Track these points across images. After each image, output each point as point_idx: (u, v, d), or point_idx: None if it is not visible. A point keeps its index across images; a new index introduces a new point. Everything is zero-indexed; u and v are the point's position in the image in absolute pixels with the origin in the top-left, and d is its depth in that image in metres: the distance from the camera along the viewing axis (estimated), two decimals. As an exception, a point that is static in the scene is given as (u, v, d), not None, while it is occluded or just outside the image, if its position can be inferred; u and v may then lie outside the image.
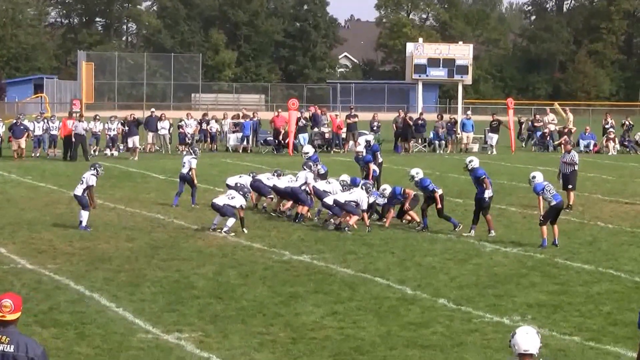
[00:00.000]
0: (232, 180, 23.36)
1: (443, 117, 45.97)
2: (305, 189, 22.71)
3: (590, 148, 44.46)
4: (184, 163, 24.67)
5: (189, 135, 41.30)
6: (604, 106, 77.72)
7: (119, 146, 40.01)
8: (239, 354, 11.88)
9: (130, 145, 38.83)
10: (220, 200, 20.66)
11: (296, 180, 23.05)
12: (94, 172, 21.13)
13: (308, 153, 25.61)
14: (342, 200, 21.14)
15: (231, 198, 20.63)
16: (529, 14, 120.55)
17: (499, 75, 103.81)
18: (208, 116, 44.56)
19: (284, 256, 18.17)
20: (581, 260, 18.14)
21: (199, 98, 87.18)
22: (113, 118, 40.76)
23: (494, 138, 43.76)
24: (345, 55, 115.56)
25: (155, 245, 19.12)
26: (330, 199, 21.45)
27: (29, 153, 38.18)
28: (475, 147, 44.41)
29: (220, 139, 43.40)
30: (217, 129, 42.90)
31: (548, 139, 45.20)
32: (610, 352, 12.12)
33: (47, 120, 39.72)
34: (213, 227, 20.70)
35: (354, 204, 21.08)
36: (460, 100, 52.10)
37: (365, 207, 21.16)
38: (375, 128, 43.77)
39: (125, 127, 39.74)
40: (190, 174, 24.32)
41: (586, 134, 45.46)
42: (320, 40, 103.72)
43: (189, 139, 40.97)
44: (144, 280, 15.92)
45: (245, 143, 42.22)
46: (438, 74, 49.82)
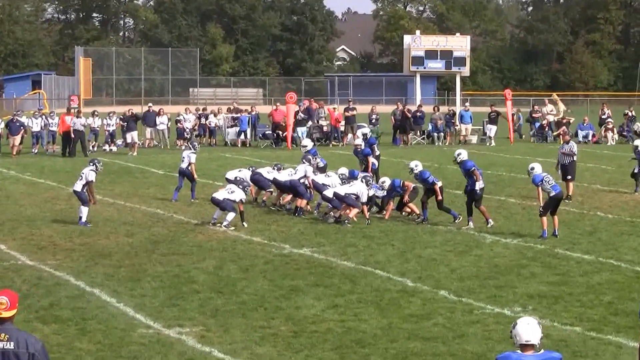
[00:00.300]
0: (232, 174, 23.33)
1: (440, 109, 45.91)
2: (304, 182, 22.71)
3: (589, 138, 44.44)
4: (183, 158, 24.67)
5: (187, 130, 41.24)
6: (602, 96, 77.73)
7: (117, 142, 39.99)
8: (240, 348, 11.88)
9: (129, 140, 38.78)
10: (220, 195, 20.65)
11: (295, 174, 23.04)
12: (93, 168, 21.09)
13: (307, 146, 25.62)
14: (342, 193, 21.14)
15: (231, 192, 20.62)
16: (525, 5, 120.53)
17: (497, 66, 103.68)
18: (207, 110, 44.53)
19: (284, 250, 18.18)
20: (581, 250, 18.15)
21: (197, 92, 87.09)
22: (112, 114, 40.73)
23: (492, 129, 43.73)
24: (342, 48, 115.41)
25: (155, 240, 19.12)
26: (330, 192, 21.45)
27: (28, 149, 38.13)
28: (473, 139, 44.39)
29: (219, 133, 43.35)
30: (216, 124, 42.86)
31: (547, 129, 45.17)
32: (612, 342, 12.12)
33: (46, 117, 39.69)
34: (213, 222, 20.71)
35: (354, 196, 21.08)
36: (458, 91, 52.05)
37: (365, 200, 21.17)
38: (373, 121, 43.72)
39: (123, 123, 39.71)
40: (189, 168, 24.31)
41: (584, 125, 45.43)
42: (318, 34, 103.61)
43: (187, 134, 40.93)
44: (145, 275, 15.92)
45: (242, 137, 42.18)
46: (436, 65, 49.69)
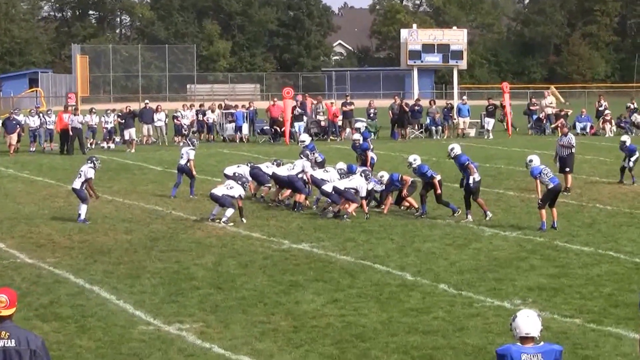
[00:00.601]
0: (230, 170, 23.34)
1: (436, 103, 45.87)
2: (302, 177, 22.69)
3: (587, 130, 44.44)
4: (182, 154, 24.67)
5: (185, 127, 41.19)
6: (600, 88, 77.67)
7: (116, 139, 39.95)
8: (240, 343, 11.88)
9: (126, 137, 38.75)
10: (218, 191, 20.66)
11: (293, 169, 23.02)
12: (91, 165, 21.14)
13: (305, 142, 25.61)
14: (342, 188, 21.13)
15: (230, 188, 20.63)
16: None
17: (494, 59, 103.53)
18: (204, 107, 44.46)
19: (283, 245, 18.17)
20: (581, 242, 18.16)
21: (194, 89, 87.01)
22: (109, 111, 40.66)
23: (490, 122, 43.71)
24: (339, 43, 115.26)
25: (154, 236, 19.11)
26: (329, 187, 21.44)
27: (26, 148, 38.09)
28: (471, 132, 44.37)
29: (217, 129, 43.30)
30: (214, 120, 42.81)
31: (545, 122, 45.13)
32: (612, 334, 12.12)
33: (43, 114, 39.63)
34: (211, 218, 20.70)
35: (353, 191, 21.07)
36: (455, 85, 52.09)
37: (364, 194, 21.17)
38: (371, 115, 43.69)
39: (121, 120, 39.64)
40: (188, 165, 24.31)
41: (582, 117, 45.41)
42: (315, 29, 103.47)
43: (185, 130, 40.88)
44: (144, 272, 15.91)
45: (239, 133, 42.13)
46: (433, 59, 49.69)
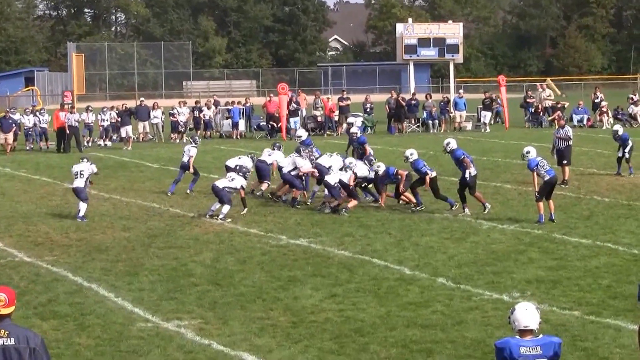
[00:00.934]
0: (232, 162, 23.41)
1: (432, 97, 45.84)
2: (297, 174, 22.66)
3: (584, 122, 44.44)
4: (184, 152, 24.96)
5: (181, 124, 41.13)
6: (597, 80, 77.66)
7: (112, 136, 39.90)
8: (239, 339, 11.87)
9: (123, 135, 38.74)
10: (220, 183, 20.79)
11: (286, 167, 23.06)
12: (90, 163, 21.54)
13: (301, 137, 25.58)
14: (346, 180, 21.16)
15: (231, 180, 20.80)
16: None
17: (490, 53, 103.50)
18: (200, 103, 44.43)
19: (281, 241, 18.17)
20: (579, 234, 18.16)
21: (191, 86, 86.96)
22: (106, 109, 40.61)
23: (487, 116, 43.70)
24: (335, 38, 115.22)
25: (151, 234, 19.10)
26: (333, 178, 21.35)
27: (23, 146, 38.05)
28: (468, 126, 44.37)
29: (212, 126, 43.25)
30: (210, 116, 42.76)
31: (542, 114, 45.12)
32: (611, 325, 12.12)
33: (37, 113, 39.52)
34: (210, 214, 20.70)
35: (360, 180, 21.39)
36: (452, 79, 52.06)
37: (370, 176, 21.59)
38: (368, 110, 43.68)
39: (118, 118, 39.60)
40: (188, 162, 24.49)
41: (579, 109, 45.41)
42: (310, 24, 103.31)
43: (181, 127, 40.85)
44: (142, 269, 15.91)
45: (236, 129, 42.10)
46: (429, 53, 49.69)
